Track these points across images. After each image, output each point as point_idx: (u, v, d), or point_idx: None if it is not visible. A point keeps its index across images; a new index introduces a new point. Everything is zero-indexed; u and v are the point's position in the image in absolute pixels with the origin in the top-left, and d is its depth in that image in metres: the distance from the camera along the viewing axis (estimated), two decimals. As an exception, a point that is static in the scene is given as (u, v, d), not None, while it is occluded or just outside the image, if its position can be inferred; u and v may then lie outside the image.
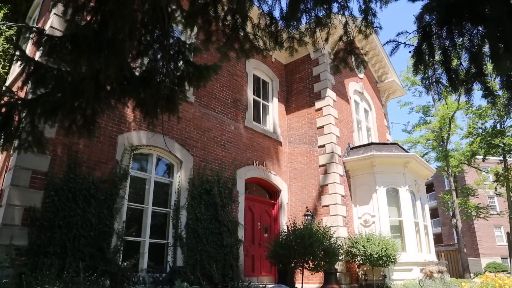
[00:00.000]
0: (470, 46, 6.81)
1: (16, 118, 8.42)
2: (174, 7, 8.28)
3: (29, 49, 15.64)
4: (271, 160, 21.32)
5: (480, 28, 6.67)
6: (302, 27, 8.70)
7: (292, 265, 16.07)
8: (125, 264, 13.02)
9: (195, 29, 8.57)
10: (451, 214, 48.23)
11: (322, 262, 15.89)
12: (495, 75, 7.12)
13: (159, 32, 8.27)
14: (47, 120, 8.26)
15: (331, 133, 21.22)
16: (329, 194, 20.14)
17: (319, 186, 20.69)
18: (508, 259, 43.44)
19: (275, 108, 23.00)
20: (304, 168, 21.70)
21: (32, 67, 7.94)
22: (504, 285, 15.85)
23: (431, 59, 7.26)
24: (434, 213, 65.94)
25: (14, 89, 13.18)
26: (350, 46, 8.87)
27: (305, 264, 15.83)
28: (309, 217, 19.56)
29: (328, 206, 20.00)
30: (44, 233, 11.66)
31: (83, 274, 11.37)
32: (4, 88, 8.83)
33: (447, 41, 7.04)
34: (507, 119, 38.85)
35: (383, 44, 7.50)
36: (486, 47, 6.75)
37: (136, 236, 14.52)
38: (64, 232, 12.02)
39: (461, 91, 7.30)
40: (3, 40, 17.73)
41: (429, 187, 66.51)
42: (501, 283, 15.98)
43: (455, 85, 7.18)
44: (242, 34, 8.52)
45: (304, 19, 8.21)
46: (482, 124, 40.26)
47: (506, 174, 38.72)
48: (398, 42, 7.34)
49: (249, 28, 8.66)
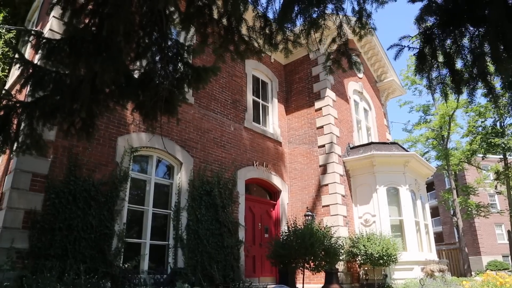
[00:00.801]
0: (472, 47, 6.84)
1: (15, 121, 8.42)
2: (172, 9, 8.25)
3: (28, 52, 15.65)
4: (271, 160, 21.31)
5: (481, 30, 6.70)
6: (297, 29, 8.68)
7: (293, 265, 16.07)
8: (126, 266, 13.03)
9: (192, 31, 8.59)
10: (451, 213, 48.22)
11: (323, 262, 15.88)
12: (495, 76, 7.14)
13: (157, 34, 8.23)
14: (45, 123, 8.24)
15: (331, 133, 21.22)
16: (330, 194, 20.14)
17: (319, 186, 20.68)
18: (509, 257, 43.52)
19: (274, 108, 23.00)
20: (304, 168, 21.69)
21: (30, 70, 7.92)
22: (505, 283, 15.82)
23: (434, 61, 7.28)
24: (434, 212, 65.83)
25: (13, 92, 13.19)
26: (343, 47, 8.86)
27: (306, 264, 15.82)
28: (309, 217, 19.55)
29: (328, 206, 20.00)
30: (44, 235, 11.65)
31: (84, 277, 11.36)
32: (3, 92, 8.77)
33: (449, 41, 7.08)
34: (507, 117, 38.92)
35: (387, 49, 7.52)
36: (487, 48, 6.79)
37: (136, 237, 14.53)
38: (64, 234, 12.01)
39: (462, 91, 7.33)
40: (2, 43, 17.73)
41: (430, 186, 66.44)
42: (502, 281, 15.94)
43: (459, 86, 7.20)
44: (237, 36, 8.51)
45: (298, 21, 8.21)
46: (482, 122, 40.34)
47: (506, 172, 38.74)
48: (402, 46, 7.38)
49: (244, 30, 8.65)
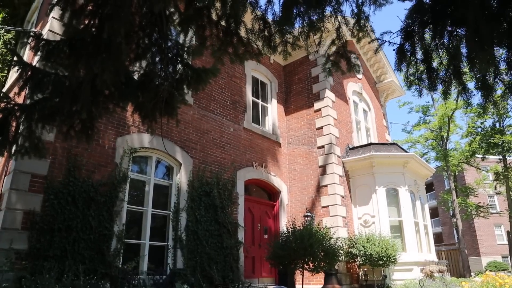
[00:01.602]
0: (450, 46, 6.91)
1: (14, 124, 8.41)
2: (172, 10, 8.26)
3: (27, 53, 15.63)
4: (271, 161, 21.31)
5: (459, 30, 6.78)
6: (296, 31, 8.69)
7: (292, 266, 16.07)
8: (125, 267, 13.05)
9: (192, 33, 8.59)
10: (451, 214, 48.16)
11: (322, 263, 15.87)
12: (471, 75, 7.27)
13: (157, 35, 8.25)
14: (44, 125, 8.24)
15: (330, 133, 21.22)
16: (329, 195, 20.13)
17: (318, 187, 20.68)
18: (509, 258, 43.48)
19: (274, 109, 23.01)
20: (303, 169, 21.69)
21: (29, 72, 7.92)
22: (505, 284, 15.82)
23: (413, 57, 7.38)
24: (434, 213, 65.88)
25: (12, 94, 13.17)
26: (342, 49, 8.89)
27: (305, 265, 15.83)
28: (309, 218, 19.55)
29: (327, 206, 20.00)
30: (43, 236, 11.64)
31: (83, 278, 11.37)
32: (1, 94, 8.72)
33: (427, 41, 7.17)
34: (506, 118, 38.89)
35: (369, 42, 7.61)
36: (463, 48, 6.90)
37: (136, 238, 14.53)
38: (63, 235, 12.00)
39: (437, 88, 7.43)
40: (1, 44, 17.72)
41: (429, 187, 66.51)
42: (502, 282, 15.94)
43: (434, 83, 7.31)
44: (236, 38, 8.52)
45: (297, 23, 8.22)
46: (481, 123, 40.33)
47: (506, 173, 38.74)
48: (383, 40, 7.47)
49: (242, 33, 8.65)
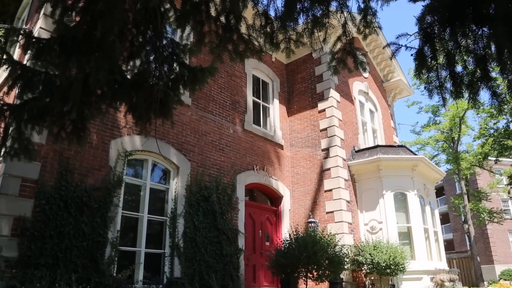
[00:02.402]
0: (475, 48, 6.80)
1: (3, 125, 8.42)
2: (167, 6, 8.28)
3: (17, 51, 15.64)
4: (272, 164, 21.35)
5: (485, 29, 6.67)
6: (299, 28, 8.70)
7: (295, 274, 16.05)
8: (120, 275, 13.04)
9: (189, 30, 8.63)
10: (462, 219, 47.99)
11: (327, 272, 15.84)
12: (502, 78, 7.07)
13: (151, 33, 8.26)
14: (34, 126, 8.22)
15: (335, 135, 21.26)
16: (334, 200, 20.14)
17: (323, 192, 20.69)
18: (524, 266, 43.38)
19: (276, 110, 23.05)
20: (307, 173, 21.71)
21: (18, 71, 7.90)
22: (519, 293, 15.83)
23: (434, 62, 7.24)
24: (445, 219, 65.73)
25: (1, 94, 13.17)
26: (349, 46, 8.90)
27: (308, 274, 15.81)
28: (312, 224, 19.55)
29: (332, 212, 20.00)
30: (34, 243, 11.61)
31: (76, 287, 11.37)
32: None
33: (450, 43, 7.04)
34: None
35: (384, 47, 7.55)
36: (492, 49, 6.74)
37: (131, 246, 14.52)
38: (55, 242, 11.97)
39: (463, 95, 7.26)
40: (-10, 42, 17.75)
41: (439, 191, 66.25)
42: (516, 291, 15.96)
43: (460, 90, 7.16)
44: (236, 35, 8.54)
45: (301, 19, 8.24)
46: (494, 124, 40.03)
47: (521, 176, 38.61)
48: (399, 45, 7.36)
49: (243, 29, 8.68)
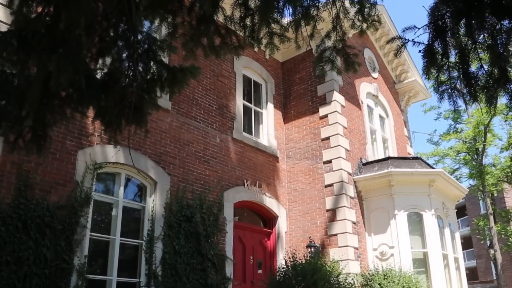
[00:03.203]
0: (493, 44, 6.77)
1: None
2: (142, -4, 8.31)
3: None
4: (266, 179, 21.39)
5: (504, 22, 6.64)
6: (285, 21, 8.75)
7: (292, 308, 16.06)
8: (87, 308, 13.05)
9: (169, 22, 8.67)
10: (488, 244, 48.06)
11: (329, 304, 15.87)
12: None
13: (124, 26, 8.26)
14: (-14, 133, 8.22)
15: (339, 145, 21.28)
16: (337, 221, 20.13)
17: (324, 211, 20.68)
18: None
19: (270, 115, 23.10)
20: (306, 189, 21.74)
21: (-31, 70, 7.92)
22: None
23: (445, 60, 7.23)
24: (467, 243, 65.73)
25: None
26: (339, 43, 8.92)
27: (307, 307, 15.82)
28: (312, 249, 19.55)
29: (336, 235, 19.99)
30: (-13, 271, 11.63)
31: (35, 322, 11.37)
32: None
33: (464, 38, 7.02)
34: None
35: (388, 41, 7.52)
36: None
37: (101, 273, 14.51)
38: (13, 269, 11.88)
39: (479, 99, 7.24)
40: None
41: (461, 211, 66.30)
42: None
43: (474, 93, 7.13)
44: (212, 27, 8.56)
45: (287, 10, 8.28)
46: (526, 132, 40.19)
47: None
48: (405, 39, 7.35)
49: (220, 21, 8.72)
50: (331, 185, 20.91)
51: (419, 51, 7.46)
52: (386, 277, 18.40)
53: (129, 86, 8.11)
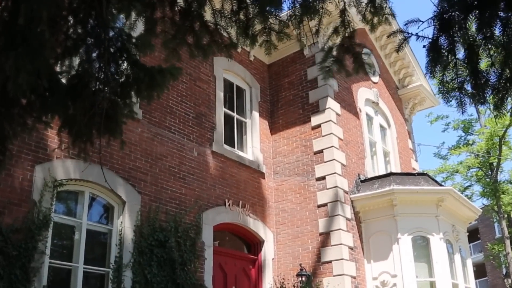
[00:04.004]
0: (504, 40, 6.80)
1: None
2: (115, -14, 8.32)
3: None
4: (250, 198, 21.41)
5: None
6: (284, 15, 8.78)
7: None
8: None
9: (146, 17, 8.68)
10: (503, 273, 48.10)
11: None
12: None
13: (94, 21, 8.25)
14: None
15: (334, 160, 21.32)
16: (332, 246, 20.14)
17: (317, 235, 20.69)
18: None
19: (255, 125, 23.13)
20: (296, 210, 21.75)
21: None
22: None
23: (452, 56, 7.29)
24: (480, 271, 65.75)
25: None
26: (348, 41, 8.93)
27: None
28: (303, 278, 19.55)
29: (330, 262, 20.00)
30: None
31: None
32: None
33: (472, 32, 7.06)
34: None
35: (389, 35, 7.55)
36: None
37: (61, 307, 14.51)
38: (-42, 304, 11.96)
39: (487, 100, 7.30)
40: None
41: (473, 235, 66.37)
42: None
43: (482, 93, 7.16)
44: (198, 23, 8.58)
45: (286, 3, 8.31)
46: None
47: None
48: (408, 33, 7.39)
49: (208, 16, 8.75)
50: (324, 205, 20.93)
51: (423, 46, 7.52)
52: (388, 310, 18.47)
53: (100, 91, 8.09)
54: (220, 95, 21.75)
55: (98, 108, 8.04)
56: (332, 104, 22.41)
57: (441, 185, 23.26)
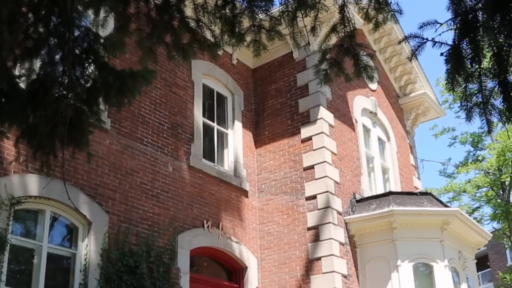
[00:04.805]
0: None
1: None
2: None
3: None
4: (232, 219, 21.39)
5: None
6: (276, 10, 8.77)
7: None
8: None
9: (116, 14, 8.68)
10: (517, 305, 48.19)
11: None
12: None
13: (57, 19, 8.24)
14: None
15: (326, 176, 21.31)
16: (323, 274, 20.09)
17: (307, 261, 20.67)
18: None
19: (237, 137, 23.12)
20: (283, 232, 21.73)
21: None
22: None
23: (476, 65, 7.17)
24: (490, 303, 65.90)
25: None
26: (348, 41, 8.89)
27: None
28: (292, 310, 19.59)
29: (322, 292, 20.04)
30: None
31: None
32: None
33: (501, 37, 6.88)
34: None
35: (400, 41, 7.46)
36: None
37: None
38: None
39: None
40: None
41: (482, 262, 66.16)
42: None
43: None
44: (177, 19, 8.56)
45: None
46: None
47: None
48: (423, 38, 7.22)
49: (189, 11, 8.75)
50: (315, 227, 20.92)
51: (441, 54, 7.28)
52: None
53: (64, 97, 8.07)
54: (198, 103, 21.74)
55: (62, 117, 8.00)
56: (324, 114, 22.44)
57: (446, 206, 23.31)
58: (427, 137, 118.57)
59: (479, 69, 7.06)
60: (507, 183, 41.69)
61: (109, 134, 17.64)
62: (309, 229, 21.04)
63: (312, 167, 21.73)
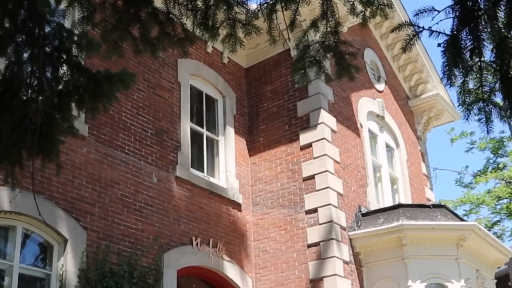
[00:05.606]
0: None
1: None
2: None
3: None
4: (224, 236, 21.33)
5: None
6: (254, 3, 8.80)
7: None
8: None
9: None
10: (543, 329, 48.15)
11: None
12: None
13: (26, 14, 8.24)
14: None
15: (328, 188, 21.23)
16: (326, 297, 20.14)
17: (307, 282, 20.57)
18: None
19: (229, 144, 23.08)
20: (281, 250, 21.64)
21: None
22: None
23: (476, 58, 7.20)
24: (513, 328, 65.71)
25: None
26: (331, 37, 8.86)
27: None
28: (290, 336, 19.55)
29: (324, 316, 19.96)
30: None
31: None
32: None
33: (503, 26, 6.86)
34: None
35: (393, 30, 7.41)
36: None
37: None
38: None
39: None
40: None
41: (503, 282, 65.88)
42: None
43: None
44: (146, 11, 8.53)
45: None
46: None
47: None
48: (419, 27, 7.18)
49: (158, 2, 8.73)
50: (316, 244, 20.82)
51: (438, 45, 7.25)
52: None
53: (33, 101, 8.02)
54: (186, 106, 21.66)
55: (30, 123, 7.94)
56: (326, 118, 22.33)
57: (463, 219, 23.25)
58: (441, 143, 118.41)
59: (479, 63, 7.03)
60: (530, 194, 41.74)
61: (86, 141, 17.52)
62: (309, 246, 20.95)
63: (312, 177, 21.64)
